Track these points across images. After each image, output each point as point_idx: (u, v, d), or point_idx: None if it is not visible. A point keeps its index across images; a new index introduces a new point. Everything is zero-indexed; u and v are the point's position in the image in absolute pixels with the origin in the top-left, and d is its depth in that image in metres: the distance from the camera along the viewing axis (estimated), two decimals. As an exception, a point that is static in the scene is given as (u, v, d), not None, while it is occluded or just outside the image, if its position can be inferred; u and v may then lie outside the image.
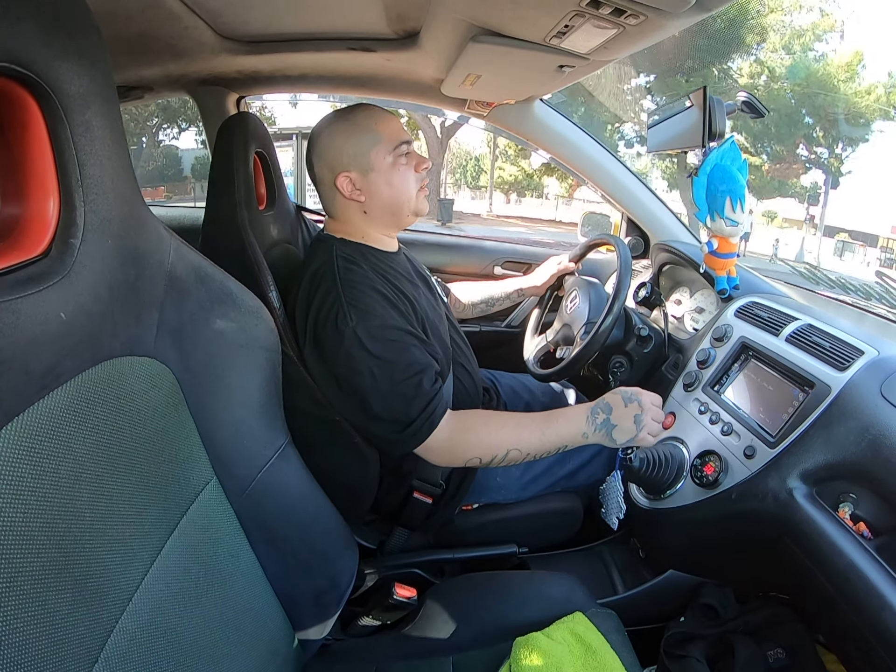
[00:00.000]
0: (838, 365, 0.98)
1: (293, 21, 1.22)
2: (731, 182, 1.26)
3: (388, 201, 1.17)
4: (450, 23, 1.01)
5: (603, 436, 1.09)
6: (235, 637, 0.72)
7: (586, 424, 1.10)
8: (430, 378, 1.09)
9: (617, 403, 1.11)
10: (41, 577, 0.46)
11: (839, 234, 24.65)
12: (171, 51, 1.34)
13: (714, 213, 1.29)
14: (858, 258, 23.36)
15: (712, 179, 1.28)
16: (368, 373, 1.04)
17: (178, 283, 0.65)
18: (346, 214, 1.19)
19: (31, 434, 0.46)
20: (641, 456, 1.15)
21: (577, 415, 1.12)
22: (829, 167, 19.89)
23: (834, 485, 0.90)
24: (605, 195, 1.84)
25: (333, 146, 1.14)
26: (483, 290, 1.68)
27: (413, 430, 1.06)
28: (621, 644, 0.91)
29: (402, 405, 1.06)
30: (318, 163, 1.16)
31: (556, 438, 1.10)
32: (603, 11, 0.82)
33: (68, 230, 0.49)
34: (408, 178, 1.18)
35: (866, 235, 23.83)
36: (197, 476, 0.69)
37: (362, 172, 1.14)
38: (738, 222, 1.29)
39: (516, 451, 1.09)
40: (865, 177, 23.53)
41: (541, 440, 1.10)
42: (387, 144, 1.15)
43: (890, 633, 0.74)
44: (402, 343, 1.08)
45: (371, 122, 1.15)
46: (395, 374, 1.05)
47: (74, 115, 0.48)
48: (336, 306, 1.05)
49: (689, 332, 1.52)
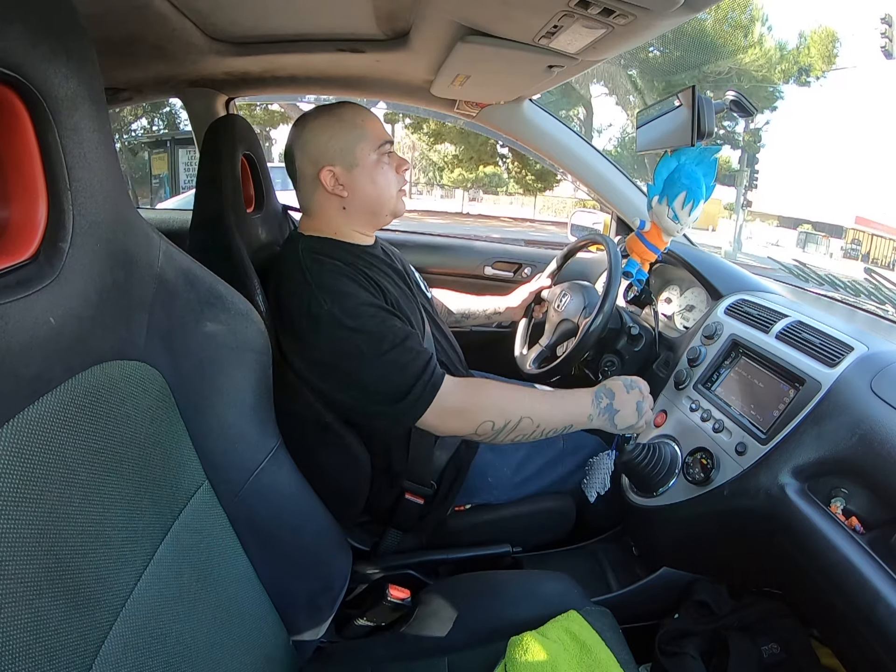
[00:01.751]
0: (828, 361, 0.99)
1: (282, 22, 1.22)
2: (694, 183, 1.28)
3: (369, 199, 1.17)
4: (439, 23, 1.01)
5: (606, 420, 1.12)
6: (229, 640, 0.71)
7: (592, 406, 1.12)
8: (417, 342, 1.07)
9: (619, 389, 1.14)
10: (34, 584, 0.46)
11: (802, 226, 24.69)
12: (160, 53, 1.34)
13: (664, 198, 1.29)
14: (822, 249, 23.37)
15: (679, 170, 1.28)
16: (355, 350, 1.03)
17: (168, 286, 0.65)
18: (322, 210, 1.18)
19: (21, 440, 0.46)
20: (647, 443, 1.17)
21: (584, 395, 1.13)
22: (741, 143, 18.65)
23: (825, 480, 0.91)
24: (595, 194, 1.84)
25: (319, 140, 1.14)
26: (463, 303, 1.68)
27: (415, 396, 1.03)
28: (616, 642, 0.91)
29: (397, 373, 1.03)
30: (302, 156, 1.16)
31: (565, 415, 1.11)
32: (591, 11, 0.82)
33: (57, 234, 0.49)
34: (390, 177, 1.19)
35: (830, 226, 23.87)
36: (188, 480, 0.69)
37: (346, 168, 1.14)
38: (680, 220, 1.30)
39: (528, 419, 1.08)
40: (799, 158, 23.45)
41: (551, 413, 1.10)
42: (372, 142, 1.15)
43: (883, 625, 0.75)
44: (381, 317, 1.06)
45: (358, 119, 1.15)
46: (382, 344, 1.03)
47: (62, 117, 0.48)
48: (307, 294, 1.04)
49: (679, 330, 1.52)
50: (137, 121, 13.50)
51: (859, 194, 24.78)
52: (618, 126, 20.39)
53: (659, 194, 1.31)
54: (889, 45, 14.71)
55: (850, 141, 25.86)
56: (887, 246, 22.38)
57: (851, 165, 23.65)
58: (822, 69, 17.02)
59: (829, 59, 16.87)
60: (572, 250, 1.58)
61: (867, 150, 26.44)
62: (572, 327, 1.40)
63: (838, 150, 23.89)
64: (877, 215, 23.42)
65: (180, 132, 13.86)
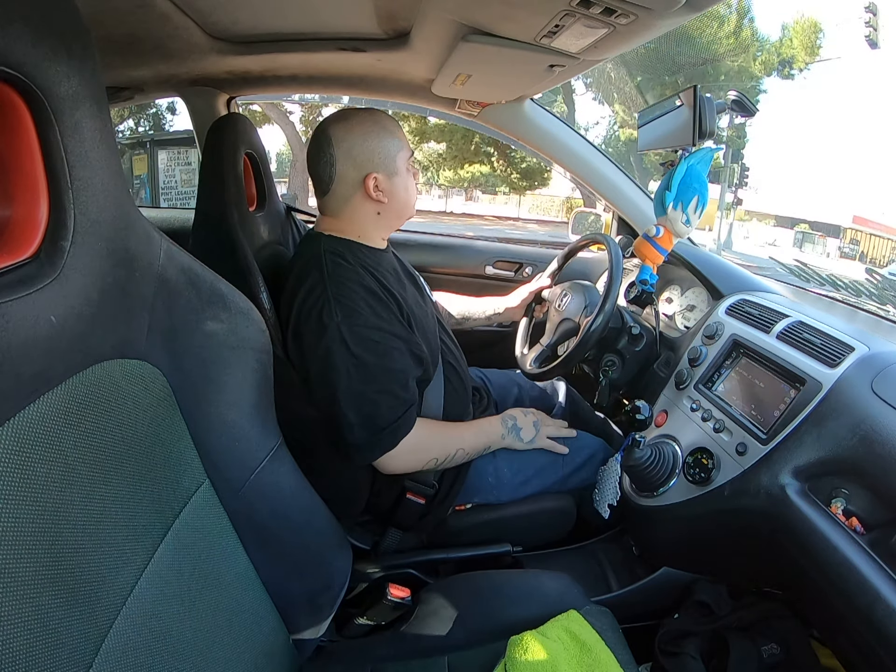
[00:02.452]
0: (829, 361, 0.99)
1: (283, 21, 1.22)
2: (703, 186, 1.28)
3: (402, 205, 1.22)
4: (440, 22, 1.01)
5: (514, 437, 1.33)
6: (230, 639, 0.71)
7: (502, 428, 1.32)
8: (404, 385, 1.13)
9: (518, 413, 1.37)
10: (34, 583, 0.46)
11: (799, 225, 24.58)
12: (161, 51, 1.34)
13: (679, 203, 1.30)
14: (819, 249, 23.23)
15: (689, 174, 1.29)
16: (344, 370, 1.06)
17: (169, 285, 0.65)
18: (355, 213, 1.20)
19: (21, 438, 0.46)
20: (649, 444, 1.17)
21: (495, 421, 1.34)
22: (724, 138, 17.29)
23: (826, 480, 0.91)
24: (596, 194, 1.84)
25: (367, 146, 1.15)
26: (463, 305, 1.69)
27: (379, 438, 1.10)
28: (616, 641, 0.91)
29: (371, 410, 1.08)
30: (346, 160, 1.16)
31: (486, 439, 1.30)
32: (593, 11, 0.82)
33: (58, 232, 0.49)
34: (413, 185, 1.24)
35: (828, 226, 23.73)
36: (189, 478, 0.69)
37: (388, 175, 1.17)
38: (691, 224, 1.31)
39: (462, 450, 1.24)
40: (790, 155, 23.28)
41: (476, 440, 1.28)
42: (406, 151, 1.20)
43: (883, 626, 0.75)
44: (385, 346, 1.09)
45: (395, 128, 1.19)
46: (370, 379, 1.08)
47: (64, 116, 0.48)
48: (322, 300, 1.07)
49: (680, 330, 1.52)
50: (124, 122, 13.50)
51: (857, 192, 24.71)
52: (593, 121, 20.08)
53: (674, 200, 1.31)
54: (873, 34, 14.58)
55: (843, 135, 25.74)
56: (885, 246, 22.28)
57: (847, 161, 23.63)
58: (805, 61, 16.56)
59: (813, 51, 16.43)
60: (573, 250, 1.58)
61: (862, 145, 26.39)
62: (573, 326, 1.40)
63: (832, 145, 23.90)
64: (875, 214, 23.27)
65: (161, 132, 13.88)
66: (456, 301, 1.70)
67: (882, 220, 22.97)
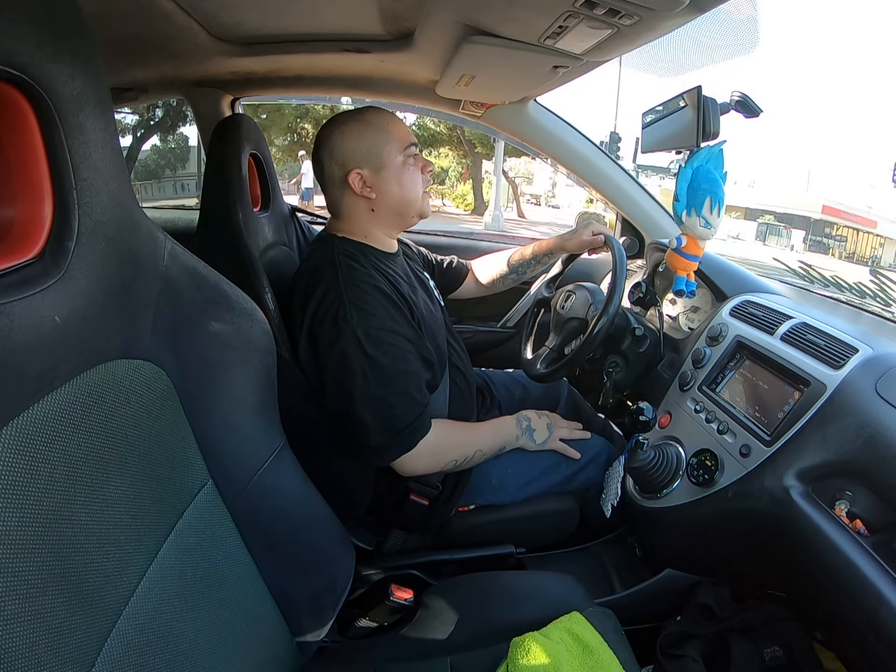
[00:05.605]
0: (833, 363, 0.98)
1: (287, 22, 1.22)
2: (714, 184, 1.27)
3: (396, 200, 1.20)
4: (444, 24, 1.01)
5: (527, 438, 1.33)
6: (232, 640, 0.71)
7: (517, 428, 1.33)
8: (419, 389, 1.13)
9: (532, 414, 1.37)
10: (37, 582, 0.46)
11: (763, 217, 24.04)
12: (165, 52, 1.34)
13: (692, 209, 1.29)
14: (784, 241, 22.74)
15: (696, 177, 1.28)
16: (360, 373, 1.06)
17: (173, 285, 0.65)
18: (352, 212, 1.20)
19: (25, 438, 0.46)
20: (652, 445, 1.17)
21: (510, 421, 1.34)
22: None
23: (830, 482, 0.90)
24: (601, 195, 1.84)
25: (346, 144, 1.16)
26: (510, 260, 1.62)
27: (397, 440, 1.10)
28: (619, 643, 0.91)
29: (388, 412, 1.08)
30: (329, 160, 1.18)
31: (501, 439, 1.30)
32: (597, 12, 0.82)
33: (62, 233, 0.49)
34: (416, 178, 1.22)
35: (798, 218, 23.13)
36: (193, 479, 0.69)
37: (374, 170, 1.17)
38: (711, 225, 1.29)
39: (480, 451, 1.25)
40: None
41: (493, 441, 1.28)
42: (398, 144, 1.18)
43: (887, 629, 0.74)
44: (399, 348, 1.09)
45: (383, 122, 1.18)
46: (386, 381, 1.07)
47: (68, 117, 0.48)
48: (337, 303, 1.06)
49: (684, 331, 1.52)
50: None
51: (825, 178, 24.18)
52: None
53: (686, 208, 1.30)
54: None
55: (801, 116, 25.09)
56: (861, 238, 21.63)
57: (809, 144, 23.19)
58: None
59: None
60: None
61: (821, 126, 25.88)
62: (580, 324, 1.41)
63: (792, 127, 23.38)
64: (846, 204, 22.57)
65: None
66: (501, 259, 1.63)
67: (854, 210, 22.30)
